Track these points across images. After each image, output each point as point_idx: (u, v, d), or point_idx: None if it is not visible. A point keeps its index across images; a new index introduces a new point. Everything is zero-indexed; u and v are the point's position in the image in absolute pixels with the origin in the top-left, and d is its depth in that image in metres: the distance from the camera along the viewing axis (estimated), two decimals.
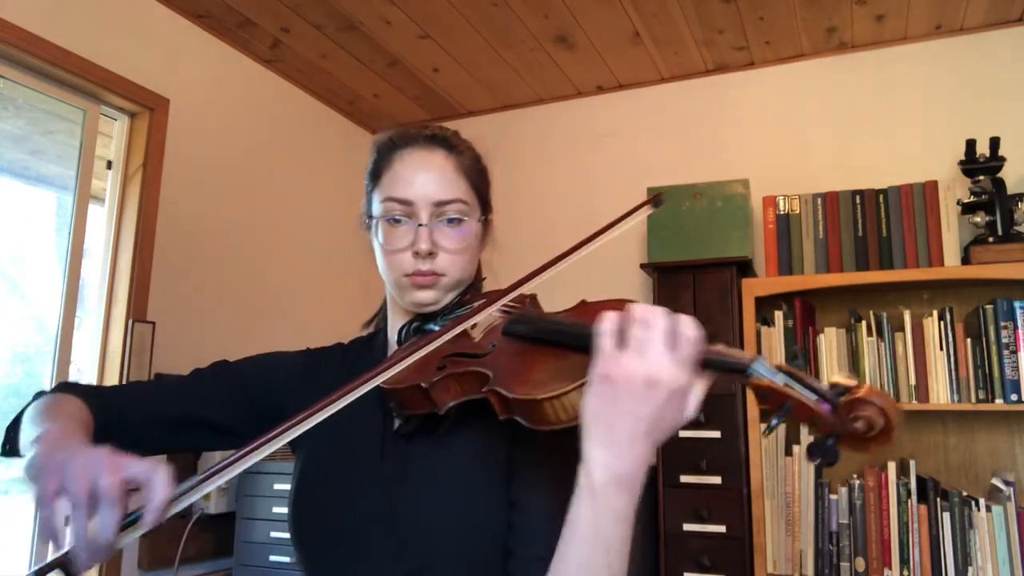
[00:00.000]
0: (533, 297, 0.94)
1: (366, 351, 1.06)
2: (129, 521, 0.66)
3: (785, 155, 2.81)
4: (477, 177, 1.00)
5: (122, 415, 0.96)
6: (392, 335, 1.01)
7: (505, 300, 0.87)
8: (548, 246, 3.68)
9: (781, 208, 2.51)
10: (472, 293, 1.00)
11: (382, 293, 1.08)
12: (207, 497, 2.43)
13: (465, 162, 0.99)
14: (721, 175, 2.75)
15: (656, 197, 0.92)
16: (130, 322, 2.31)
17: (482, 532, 0.85)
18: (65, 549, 0.64)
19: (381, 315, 1.11)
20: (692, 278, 2.52)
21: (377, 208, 0.97)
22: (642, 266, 2.68)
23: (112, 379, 2.29)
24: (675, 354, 0.67)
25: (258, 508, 2.39)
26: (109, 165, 2.43)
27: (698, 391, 0.69)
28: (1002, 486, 2.15)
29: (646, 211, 0.89)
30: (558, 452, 0.83)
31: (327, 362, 1.06)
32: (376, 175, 0.99)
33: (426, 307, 0.95)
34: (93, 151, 2.36)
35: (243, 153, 2.83)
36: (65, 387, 0.96)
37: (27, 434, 0.81)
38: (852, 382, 0.67)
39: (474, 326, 0.90)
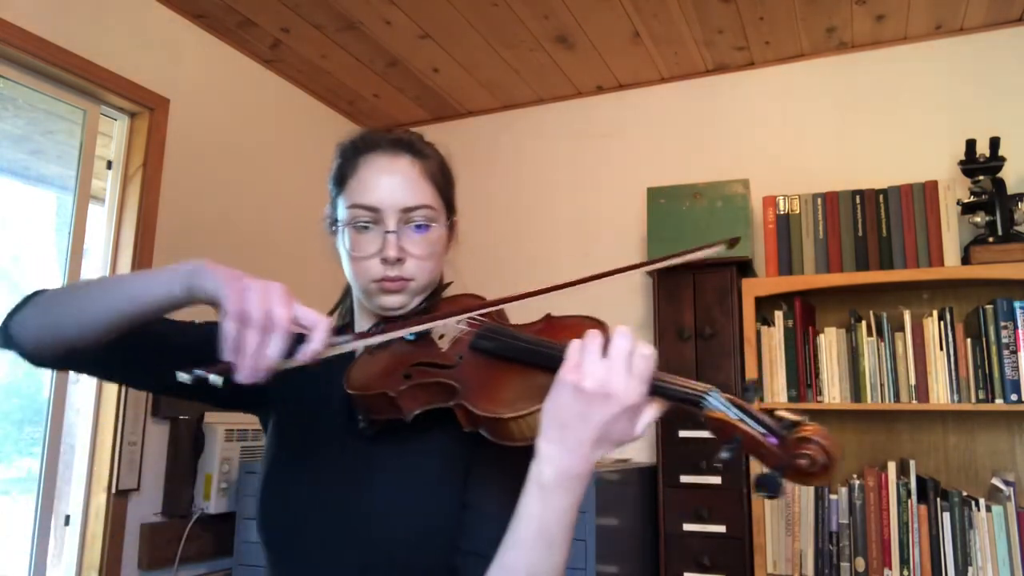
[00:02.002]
0: (500, 310, 0.94)
1: None
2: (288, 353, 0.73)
3: (785, 155, 2.81)
4: (443, 181, 1.00)
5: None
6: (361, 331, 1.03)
7: (475, 313, 0.89)
8: (548, 246, 3.70)
9: (781, 208, 2.51)
10: (439, 297, 1.01)
11: None
12: (207, 496, 2.43)
13: (431, 167, 0.98)
14: (721, 175, 2.75)
15: (732, 240, 0.92)
16: None
17: (436, 531, 0.88)
18: (229, 360, 0.72)
19: (345, 306, 1.12)
20: (692, 278, 2.52)
21: (343, 214, 0.96)
22: None
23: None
24: (630, 372, 0.73)
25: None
26: (109, 165, 2.43)
27: (650, 414, 0.75)
28: (1002, 486, 2.15)
29: (717, 249, 0.90)
30: (514, 462, 0.88)
31: None
32: (340, 180, 0.98)
33: (394, 311, 0.95)
34: (93, 151, 2.36)
35: (243, 153, 2.83)
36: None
37: (100, 286, 0.88)
38: (798, 418, 0.70)
39: (441, 336, 0.92)
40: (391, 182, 0.94)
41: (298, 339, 0.75)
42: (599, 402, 0.72)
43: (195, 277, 0.79)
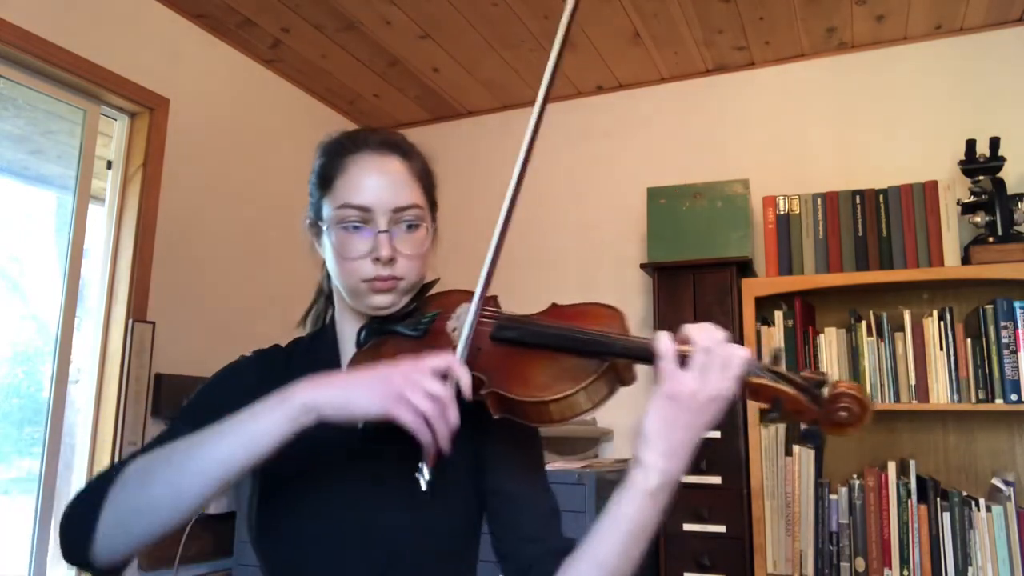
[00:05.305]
0: (495, 299, 0.97)
1: (315, 350, 1.04)
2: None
3: (785, 155, 2.81)
4: (428, 182, 1.01)
5: None
6: (346, 335, 1.01)
7: (477, 305, 0.91)
8: (548, 246, 3.69)
9: (781, 208, 2.50)
10: (425, 295, 1.02)
11: None
12: None
13: (418, 167, 0.99)
14: (721, 175, 2.75)
15: None
16: (130, 322, 2.31)
17: (456, 525, 0.92)
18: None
19: (317, 311, 1.11)
20: (692, 278, 2.52)
21: (329, 214, 0.95)
22: (642, 266, 2.68)
23: (112, 379, 2.29)
24: (729, 373, 0.78)
25: None
26: (109, 165, 2.43)
27: None
28: (1002, 486, 2.15)
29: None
30: (525, 443, 0.97)
31: (273, 362, 1.03)
32: (326, 179, 0.97)
33: (384, 310, 0.95)
34: (93, 151, 2.36)
35: (243, 153, 2.83)
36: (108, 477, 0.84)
37: (211, 435, 0.80)
38: (823, 375, 0.79)
39: (454, 329, 0.94)
40: (382, 182, 0.94)
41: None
42: (705, 408, 0.77)
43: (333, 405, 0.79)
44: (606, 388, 0.84)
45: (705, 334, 0.78)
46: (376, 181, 0.94)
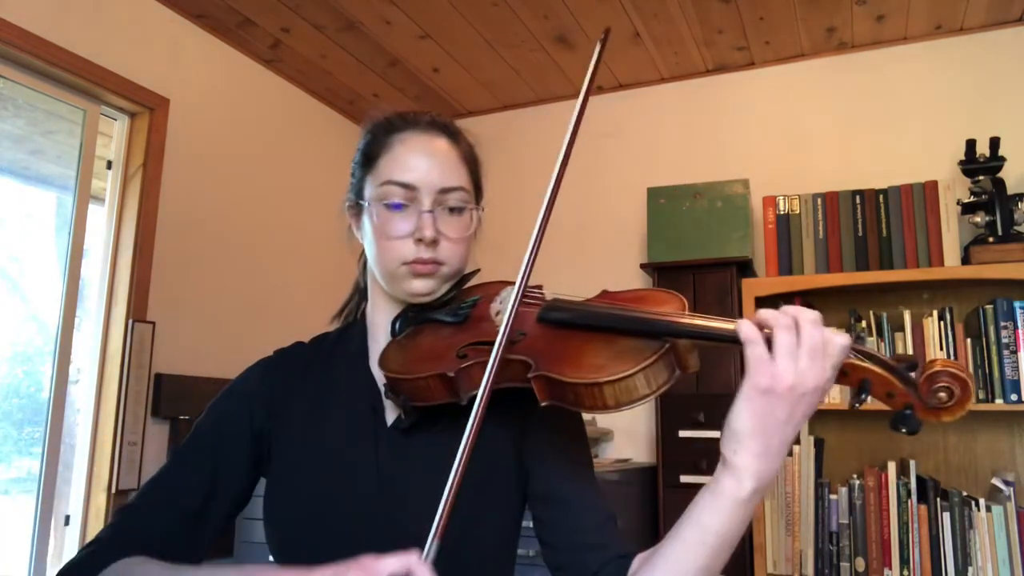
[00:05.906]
0: (540, 287, 0.93)
1: (343, 344, 0.99)
2: None
3: (785, 155, 2.81)
4: (474, 167, 0.98)
5: (166, 541, 0.87)
6: (379, 326, 0.96)
7: (522, 288, 0.86)
8: (549, 246, 3.65)
9: (781, 208, 2.50)
10: (464, 285, 0.97)
11: None
12: None
13: (465, 150, 0.96)
14: (721, 175, 2.74)
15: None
16: (130, 322, 2.31)
17: (491, 528, 0.86)
18: None
19: (351, 307, 1.07)
20: (692, 278, 2.52)
21: (372, 192, 0.91)
22: (642, 266, 2.68)
23: (112, 379, 2.29)
24: (827, 359, 0.68)
25: (258, 508, 2.38)
26: (109, 165, 2.43)
27: None
28: (1002, 486, 2.15)
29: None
30: (575, 439, 0.91)
31: (291, 364, 0.99)
32: (370, 158, 0.94)
33: (422, 297, 0.91)
34: (93, 151, 2.36)
35: (243, 153, 2.83)
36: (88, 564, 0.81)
37: None
38: (913, 357, 0.72)
39: (498, 313, 0.89)
40: (429, 162, 0.90)
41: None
42: (806, 400, 0.68)
43: None
44: (666, 372, 0.75)
45: (785, 317, 0.70)
46: (422, 160, 0.90)
